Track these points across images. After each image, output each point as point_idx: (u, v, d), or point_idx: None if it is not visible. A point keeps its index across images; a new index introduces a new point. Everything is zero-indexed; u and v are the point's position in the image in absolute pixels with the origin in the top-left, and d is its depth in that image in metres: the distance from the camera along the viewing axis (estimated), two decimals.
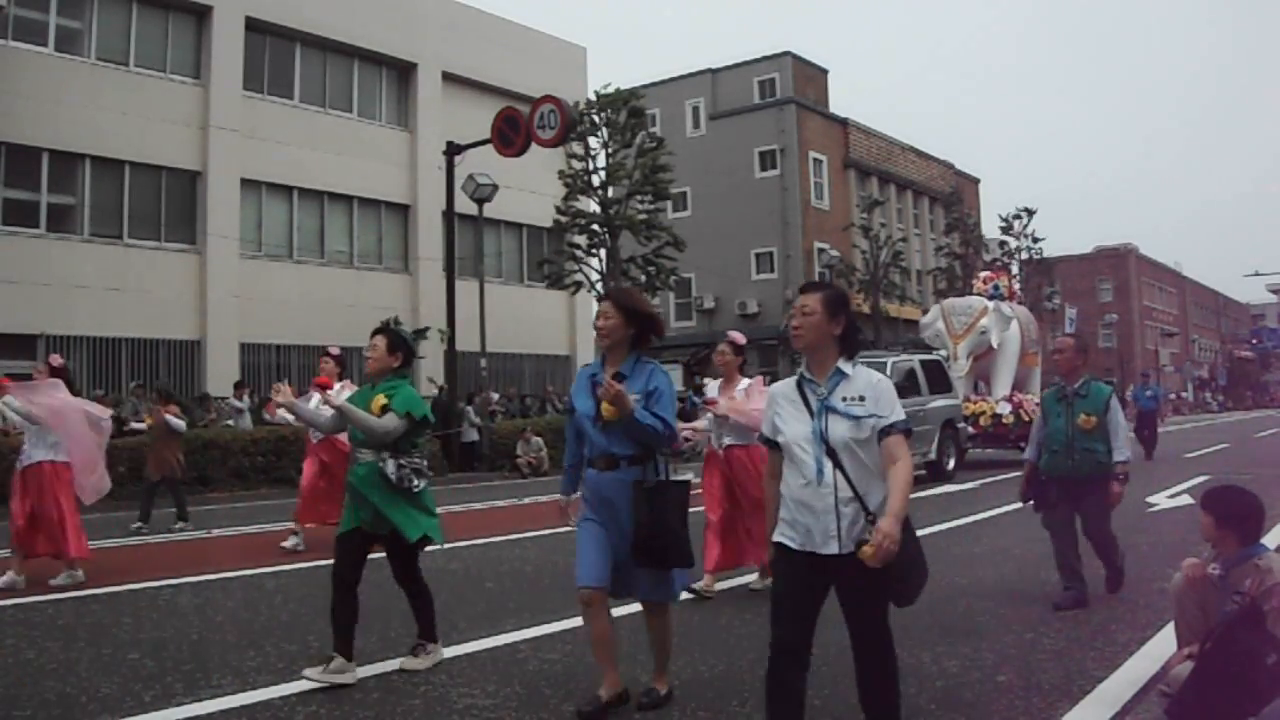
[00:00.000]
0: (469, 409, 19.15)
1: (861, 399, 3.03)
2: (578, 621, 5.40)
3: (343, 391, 7.97)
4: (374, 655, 4.79)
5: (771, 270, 36.37)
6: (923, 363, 15.06)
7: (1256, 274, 68.15)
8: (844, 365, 3.10)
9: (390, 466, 4.42)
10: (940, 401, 14.63)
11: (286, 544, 8.48)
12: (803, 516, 3.03)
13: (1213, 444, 22.60)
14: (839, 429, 3.01)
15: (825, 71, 41.12)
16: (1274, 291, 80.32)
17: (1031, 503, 6.01)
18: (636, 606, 6.14)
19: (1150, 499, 11.26)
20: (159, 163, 19.64)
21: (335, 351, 8.57)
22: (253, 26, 21.02)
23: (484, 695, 4.17)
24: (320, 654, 4.89)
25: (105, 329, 18.32)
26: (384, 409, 4.46)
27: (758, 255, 36.75)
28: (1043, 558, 7.39)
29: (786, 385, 3.18)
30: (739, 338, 6.46)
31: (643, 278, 24.46)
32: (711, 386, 6.53)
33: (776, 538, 3.12)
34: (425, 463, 4.63)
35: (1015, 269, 43.24)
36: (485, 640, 5.06)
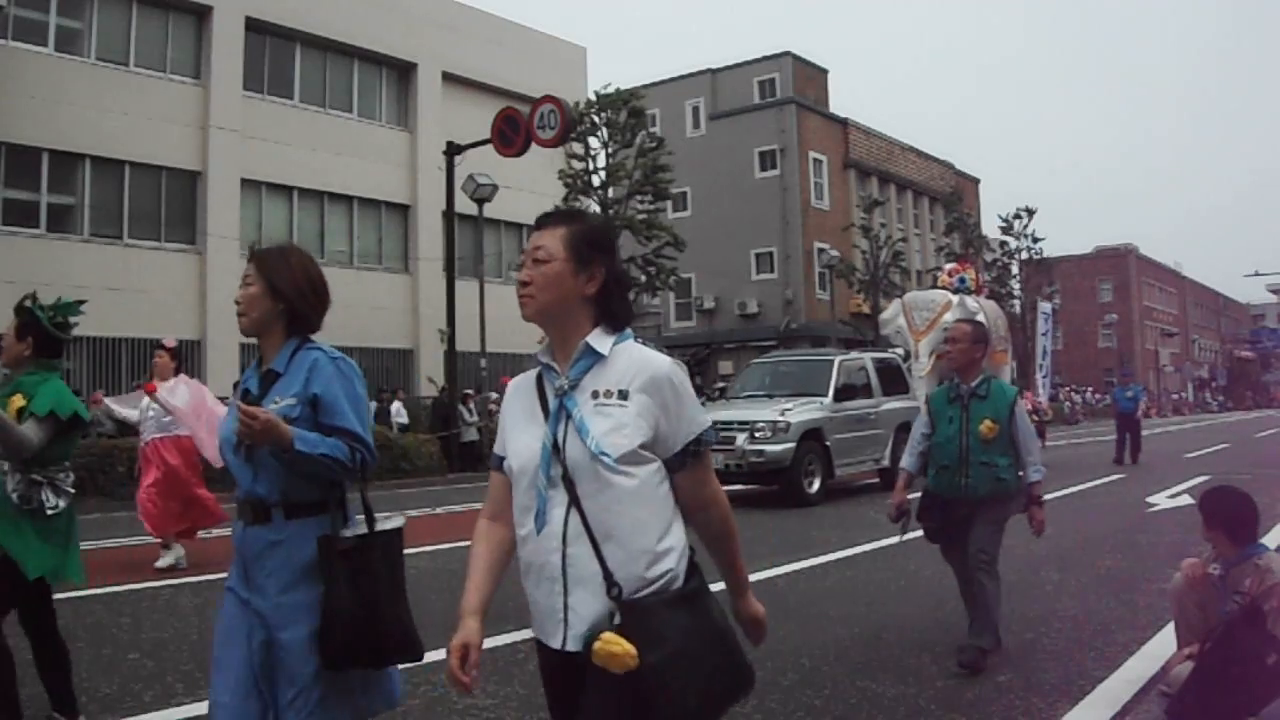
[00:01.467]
0: (461, 409, 19.15)
1: (623, 395, 1.88)
2: None
3: (177, 388, 7.51)
4: None
5: (771, 270, 36.37)
6: (875, 361, 13.99)
7: (1256, 274, 68.18)
8: (597, 341, 1.94)
9: (12, 482, 3.52)
10: (895, 403, 13.41)
11: (162, 563, 7.65)
12: (529, 586, 1.95)
13: (1213, 444, 22.61)
14: (580, 443, 1.87)
15: (825, 71, 41.12)
16: (1274, 291, 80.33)
17: (922, 532, 4.93)
18: None
19: (1150, 499, 11.28)
20: (159, 163, 19.64)
21: (170, 344, 7.78)
22: (253, 26, 21.02)
23: (484, 695, 4.17)
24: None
25: (105, 329, 18.29)
26: (21, 412, 3.53)
27: (758, 255, 36.75)
28: (1043, 557, 7.40)
29: (526, 378, 2.07)
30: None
31: (643, 278, 24.46)
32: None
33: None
34: (71, 478, 3.71)
35: (1015, 269, 43.32)
36: (485, 640, 5.04)
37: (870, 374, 13.47)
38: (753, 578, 7.23)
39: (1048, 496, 12.34)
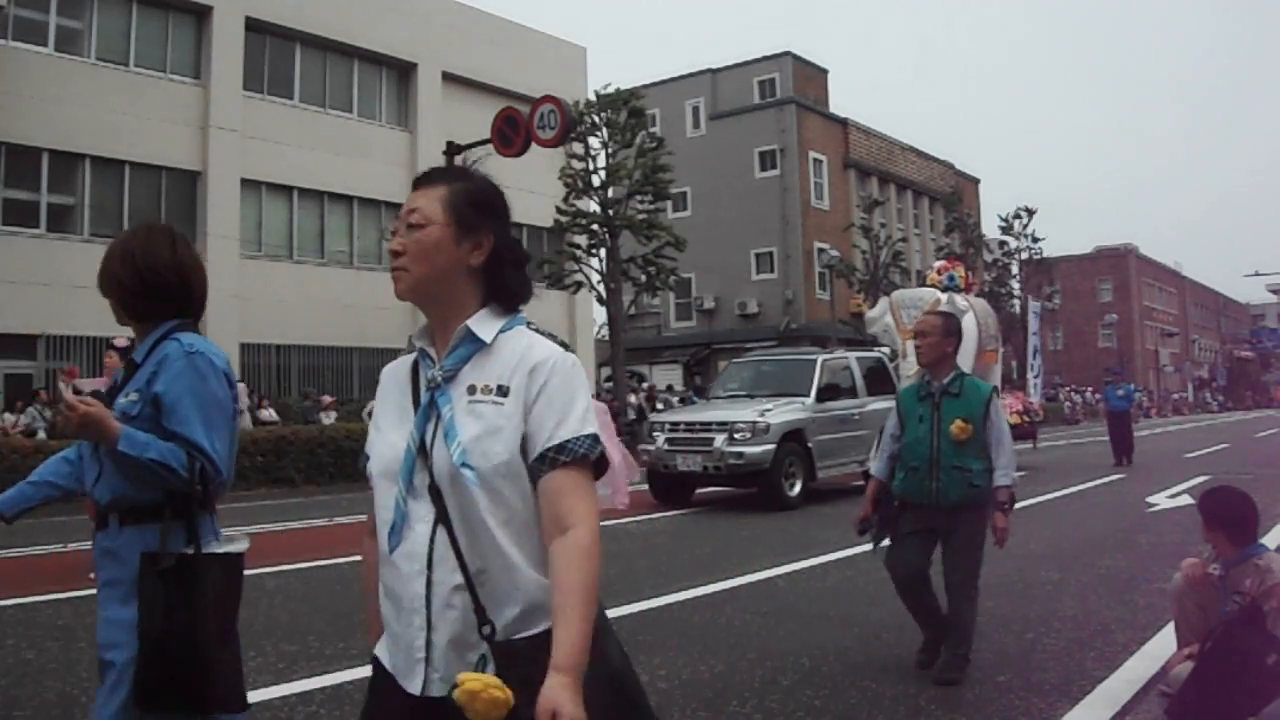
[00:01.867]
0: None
1: (502, 391, 1.58)
2: None
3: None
4: None
5: (771, 270, 36.38)
6: (860, 360, 13.39)
7: (1256, 274, 68.21)
8: (481, 325, 1.63)
9: None
10: (881, 403, 12.41)
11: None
12: (386, 614, 1.63)
13: (1213, 444, 22.61)
14: (461, 455, 1.54)
15: (825, 71, 41.13)
16: (1274, 291, 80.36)
17: (873, 541, 4.56)
18: (638, 606, 6.19)
19: (1150, 499, 11.28)
20: (159, 163, 19.64)
21: (121, 343, 7.19)
22: (253, 26, 21.02)
23: None
24: (319, 653, 4.90)
25: (105, 329, 18.18)
26: None
27: (758, 255, 36.76)
28: (1042, 557, 7.41)
29: (401, 364, 1.73)
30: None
31: (643, 278, 24.46)
32: None
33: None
34: None
35: (1015, 269, 43.34)
36: None
37: (855, 373, 12.99)
38: (753, 578, 7.25)
39: (1048, 497, 12.41)
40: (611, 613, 5.95)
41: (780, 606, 5.92)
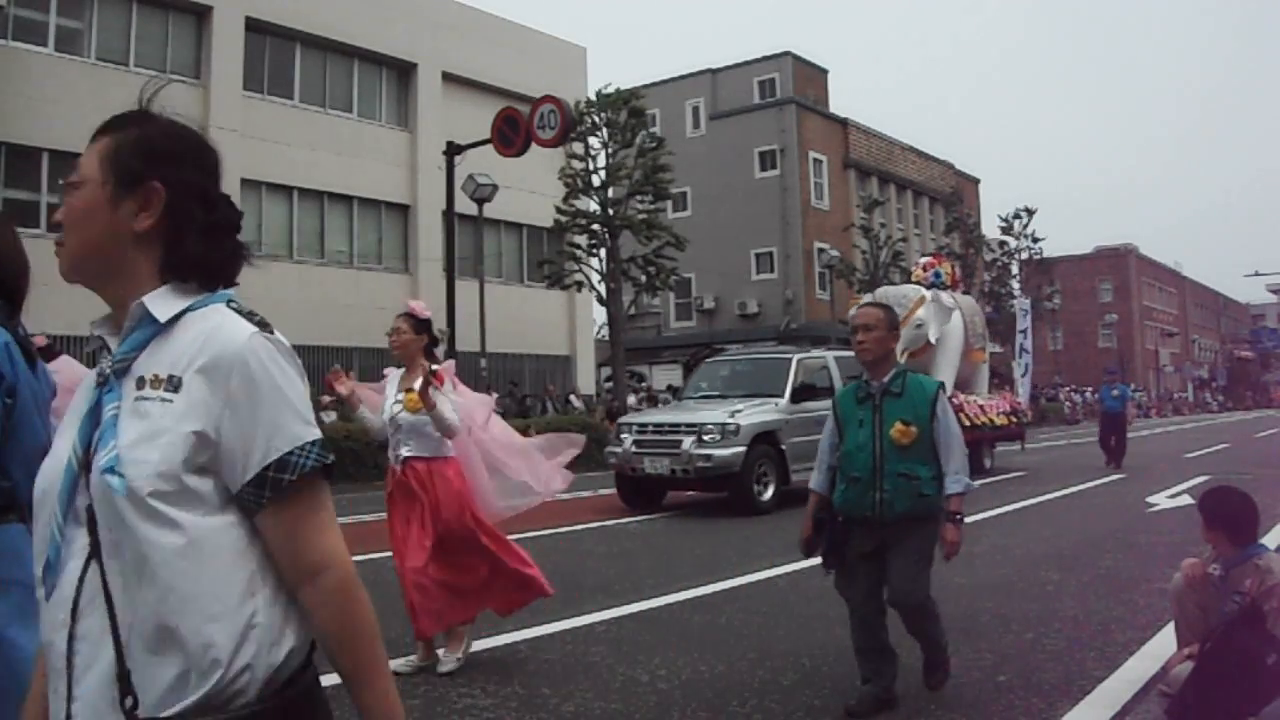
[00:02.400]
0: None
1: (173, 384, 1.22)
2: (577, 621, 5.43)
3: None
4: None
5: (771, 270, 36.39)
6: (839, 359, 12.62)
7: (1256, 274, 68.10)
8: (159, 303, 1.28)
9: None
10: None
11: None
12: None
13: (1213, 444, 22.61)
14: (111, 460, 1.19)
15: (825, 71, 41.16)
16: (1274, 291, 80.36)
17: (824, 566, 4.11)
18: (638, 606, 6.19)
19: (1150, 499, 11.28)
20: None
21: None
22: (253, 26, 21.04)
23: (484, 695, 4.18)
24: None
25: None
26: None
27: (758, 255, 36.76)
28: (1042, 557, 7.41)
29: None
30: (419, 309, 4.94)
31: (643, 278, 24.48)
32: (393, 377, 5.02)
33: None
34: None
35: (1015, 269, 43.33)
36: (485, 640, 5.07)
37: (833, 373, 12.40)
38: (753, 578, 7.25)
39: (1048, 497, 12.41)
40: (612, 613, 5.93)
41: (780, 606, 5.92)
